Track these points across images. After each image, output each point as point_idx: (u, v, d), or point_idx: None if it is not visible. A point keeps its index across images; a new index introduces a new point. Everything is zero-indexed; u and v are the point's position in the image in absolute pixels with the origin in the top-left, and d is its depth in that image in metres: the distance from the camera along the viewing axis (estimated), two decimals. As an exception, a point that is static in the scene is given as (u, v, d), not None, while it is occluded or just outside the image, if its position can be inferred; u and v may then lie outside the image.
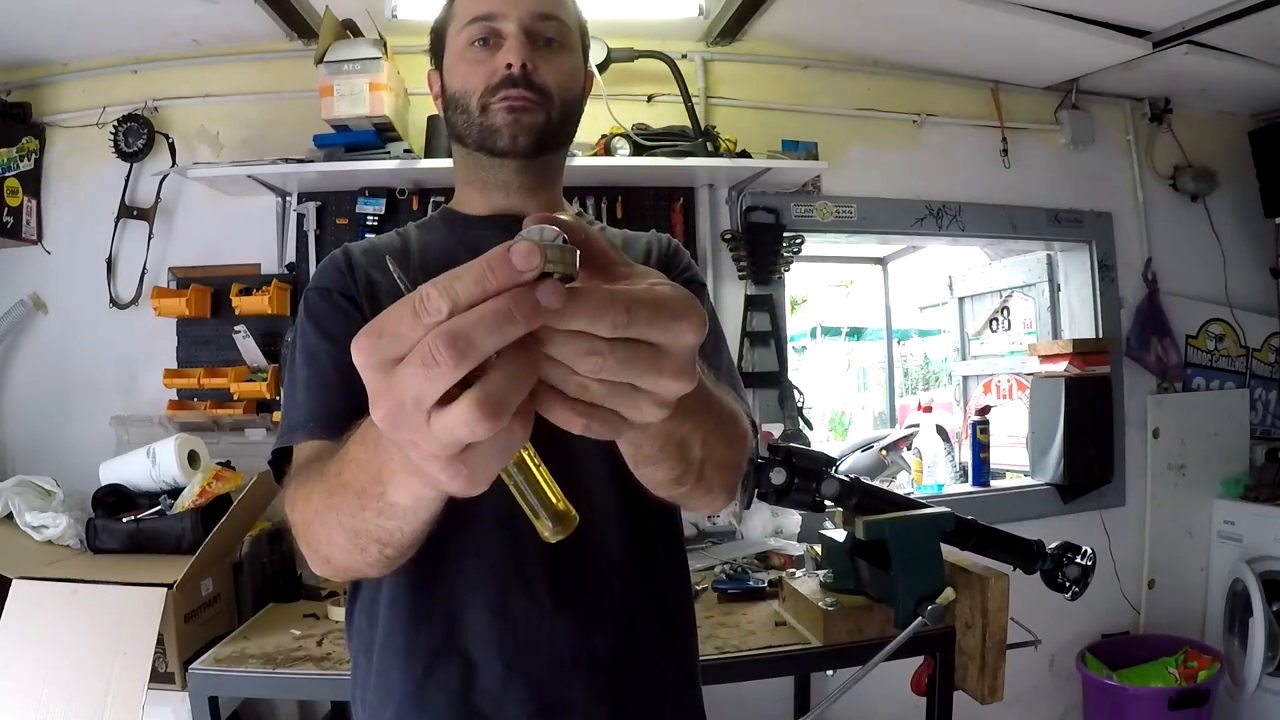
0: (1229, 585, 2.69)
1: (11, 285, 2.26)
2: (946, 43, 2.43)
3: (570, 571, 0.79)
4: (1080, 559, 1.56)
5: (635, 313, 0.33)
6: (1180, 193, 2.89)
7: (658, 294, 0.35)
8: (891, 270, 3.81)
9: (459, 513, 0.77)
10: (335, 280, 0.84)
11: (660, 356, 0.35)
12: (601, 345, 0.33)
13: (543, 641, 0.78)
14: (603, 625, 0.80)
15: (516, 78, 0.82)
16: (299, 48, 2.30)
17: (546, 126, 0.84)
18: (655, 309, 0.34)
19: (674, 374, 0.36)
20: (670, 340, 0.35)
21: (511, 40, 0.82)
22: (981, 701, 1.60)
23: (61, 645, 1.55)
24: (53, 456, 2.19)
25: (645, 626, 0.83)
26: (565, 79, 0.86)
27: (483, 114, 0.83)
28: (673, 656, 0.87)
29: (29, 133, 2.24)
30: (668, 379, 0.36)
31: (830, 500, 1.50)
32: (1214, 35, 2.28)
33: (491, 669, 0.77)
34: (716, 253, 2.46)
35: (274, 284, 2.18)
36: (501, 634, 0.77)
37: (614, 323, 0.33)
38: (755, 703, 2.26)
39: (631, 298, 0.34)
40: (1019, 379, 3.02)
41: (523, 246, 0.32)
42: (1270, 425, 2.98)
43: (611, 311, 0.33)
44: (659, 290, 0.36)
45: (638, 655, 0.82)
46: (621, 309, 0.33)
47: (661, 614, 0.86)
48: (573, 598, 0.79)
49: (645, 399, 0.36)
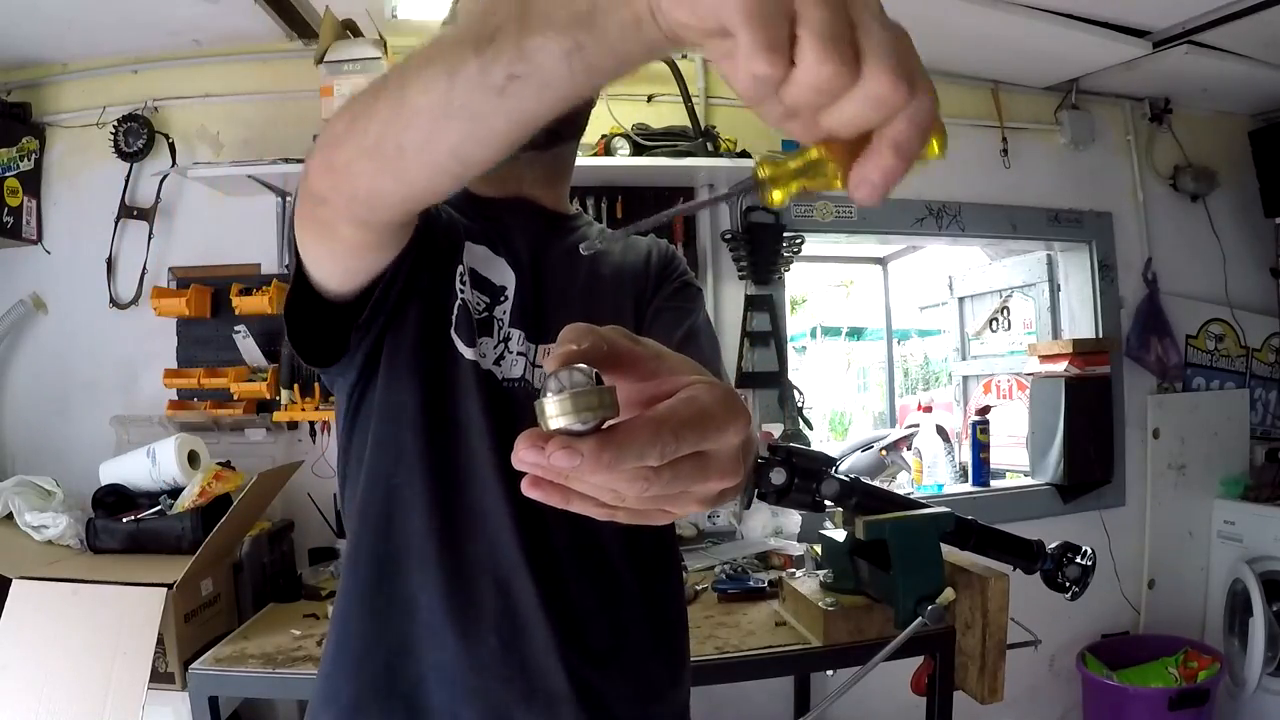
0: (1229, 585, 2.69)
1: (11, 285, 2.26)
2: (946, 43, 2.43)
3: (565, 561, 0.79)
4: (1080, 559, 1.56)
5: (683, 436, 0.33)
6: (1180, 193, 2.89)
7: (702, 406, 0.34)
8: (891, 270, 3.81)
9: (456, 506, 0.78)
10: None
11: (707, 463, 0.35)
12: (649, 471, 0.33)
13: (538, 628, 0.77)
14: (592, 619, 0.80)
15: None
16: (299, 48, 2.30)
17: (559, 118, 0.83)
18: (701, 424, 0.33)
19: (720, 475, 0.36)
20: (717, 447, 0.35)
21: None
22: (981, 701, 1.60)
23: (62, 645, 1.55)
24: (53, 456, 2.20)
25: (635, 624, 0.83)
26: None
27: None
28: (662, 655, 0.87)
29: (29, 133, 2.24)
30: (714, 481, 0.36)
31: (830, 500, 1.50)
32: (1214, 35, 2.28)
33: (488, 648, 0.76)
34: (716, 253, 2.46)
35: (274, 284, 2.17)
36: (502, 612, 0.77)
37: (663, 453, 0.32)
38: (755, 703, 2.26)
39: (678, 422, 0.33)
40: (1019, 379, 3.02)
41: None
42: (1270, 425, 2.98)
43: (659, 444, 0.32)
44: (701, 400, 0.35)
45: (627, 652, 0.82)
46: (670, 437, 0.32)
47: (652, 612, 0.86)
48: (568, 588, 0.79)
49: (689, 498, 0.36)
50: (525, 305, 0.84)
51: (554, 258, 0.89)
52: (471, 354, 0.79)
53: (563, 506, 0.35)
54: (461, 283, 0.81)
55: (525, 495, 0.34)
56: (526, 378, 0.82)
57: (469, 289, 0.82)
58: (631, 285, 0.91)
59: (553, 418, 0.31)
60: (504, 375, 0.81)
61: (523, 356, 0.82)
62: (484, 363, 0.80)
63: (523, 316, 0.84)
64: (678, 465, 0.33)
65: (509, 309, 0.83)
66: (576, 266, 0.89)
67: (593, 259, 0.90)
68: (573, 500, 0.34)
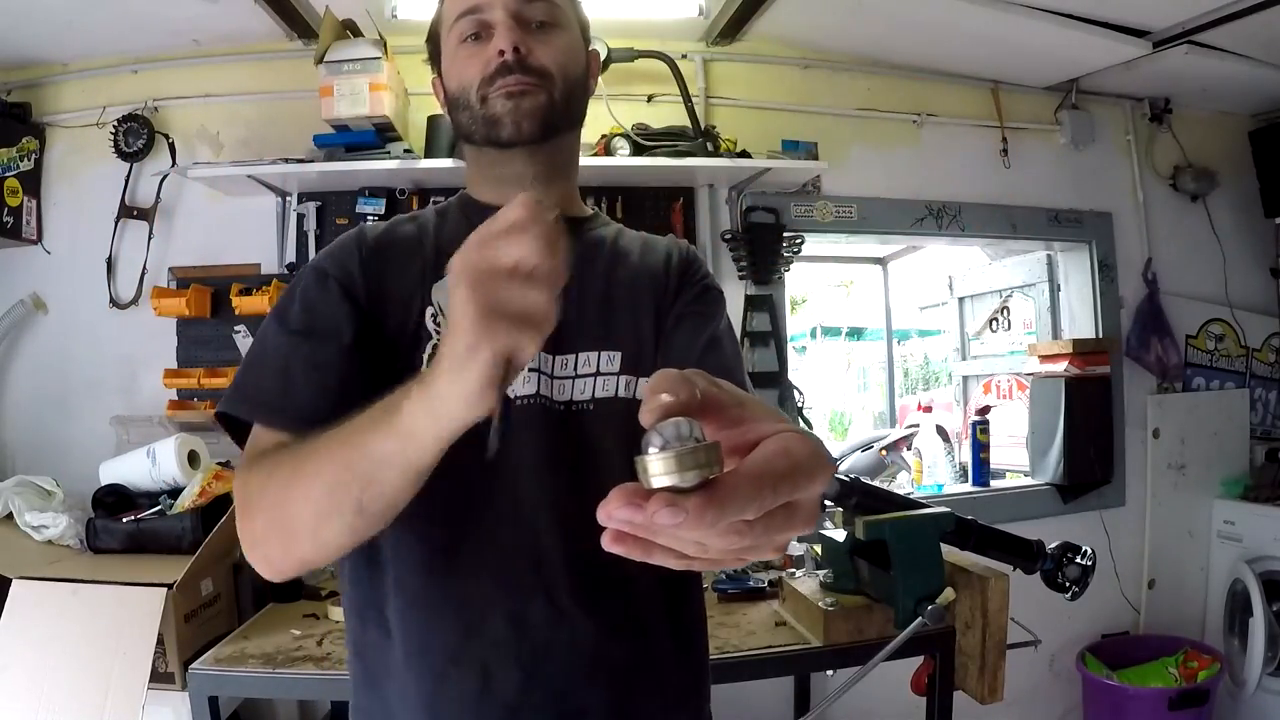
0: (1229, 585, 2.69)
1: (11, 285, 2.26)
2: (946, 43, 2.43)
3: (587, 579, 0.77)
4: (1080, 559, 1.56)
5: (780, 490, 0.33)
6: (1180, 193, 2.89)
7: (796, 459, 0.34)
8: (891, 270, 3.80)
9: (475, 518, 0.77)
10: (338, 266, 0.80)
11: (795, 513, 0.35)
12: (743, 525, 0.33)
13: (560, 649, 0.76)
14: (618, 632, 0.79)
15: (511, 64, 0.79)
16: (299, 48, 2.30)
17: (550, 108, 0.81)
18: (794, 477, 0.34)
19: (803, 523, 0.36)
20: (805, 498, 0.35)
21: (500, 28, 0.80)
22: (981, 701, 1.60)
23: (61, 645, 1.55)
24: (53, 456, 2.19)
25: (658, 634, 0.82)
26: (563, 57, 0.83)
27: (483, 106, 0.81)
28: (685, 664, 0.86)
29: (29, 133, 2.24)
30: (799, 529, 0.36)
31: (830, 500, 1.50)
32: (1214, 35, 2.27)
33: (508, 676, 0.76)
34: (716, 253, 2.46)
35: (274, 284, 2.17)
36: (519, 641, 0.76)
37: (761, 508, 0.32)
38: (755, 703, 2.26)
39: (776, 476, 0.33)
40: (1019, 379, 3.02)
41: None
42: (1270, 425, 2.98)
43: (759, 499, 0.32)
44: (796, 453, 0.35)
45: (652, 663, 0.82)
46: (769, 493, 0.32)
47: (675, 622, 0.85)
48: (589, 605, 0.77)
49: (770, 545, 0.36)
50: None
51: None
52: None
53: (643, 559, 0.34)
54: (435, 324, 0.79)
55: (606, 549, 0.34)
56: (543, 393, 0.79)
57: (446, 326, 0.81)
58: (650, 289, 0.87)
59: (656, 476, 0.31)
60: (516, 394, 0.78)
61: (535, 372, 0.79)
62: None
63: None
64: (770, 517, 0.34)
65: None
66: (592, 272, 0.86)
67: (611, 261, 0.88)
68: (655, 553, 0.34)
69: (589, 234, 0.91)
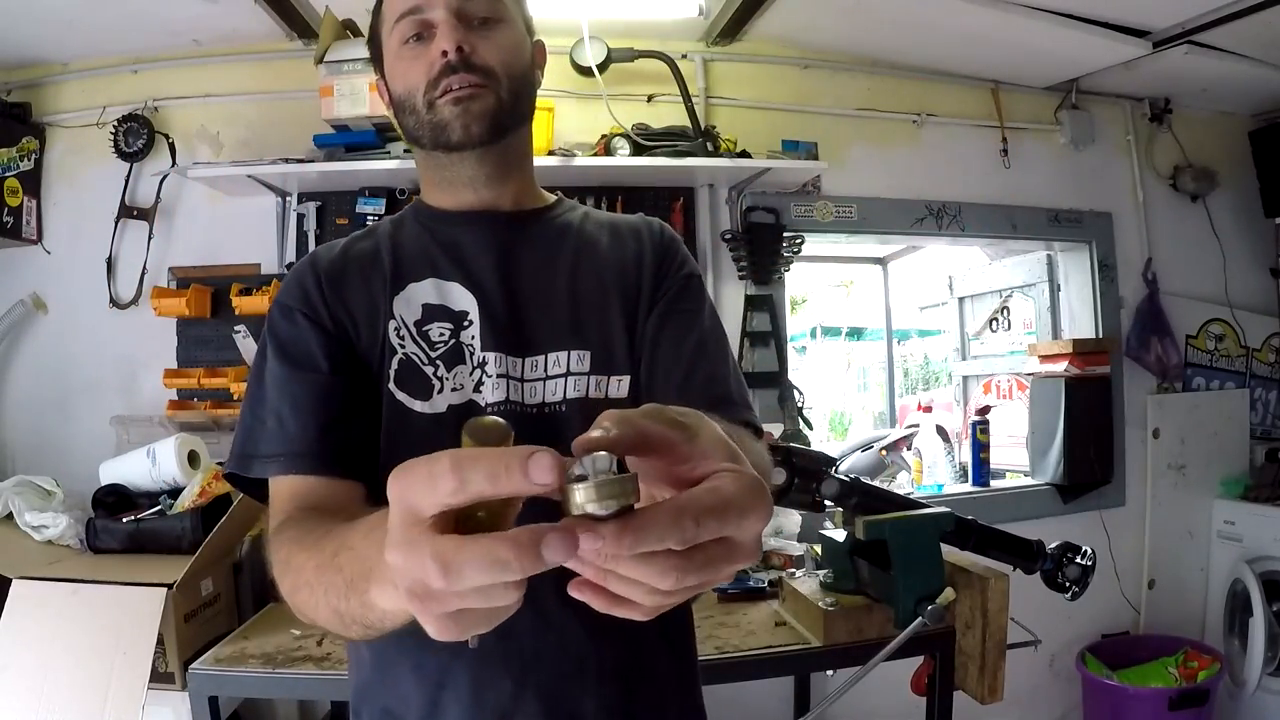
0: (1229, 585, 2.69)
1: (11, 285, 2.26)
2: (946, 43, 2.43)
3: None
4: (1080, 559, 1.56)
5: (704, 523, 0.34)
6: (1180, 193, 2.89)
7: (725, 495, 0.35)
8: (891, 270, 3.80)
9: None
10: (298, 298, 0.81)
11: (733, 548, 0.35)
12: (679, 560, 0.34)
13: (550, 654, 0.77)
14: (607, 635, 0.78)
15: (455, 64, 0.78)
16: (299, 48, 2.30)
17: (499, 109, 0.80)
18: (723, 512, 0.34)
19: (745, 558, 0.36)
20: (740, 534, 0.35)
21: (442, 27, 0.78)
22: (981, 701, 1.60)
23: (62, 645, 1.55)
24: (53, 456, 2.19)
25: (647, 633, 0.82)
26: (508, 54, 0.81)
27: (430, 110, 0.80)
28: (675, 661, 0.87)
29: (29, 133, 2.24)
30: (740, 564, 0.37)
31: (830, 500, 1.50)
32: (1214, 35, 2.28)
33: (499, 686, 0.76)
34: (716, 253, 2.46)
35: (274, 284, 2.18)
36: (507, 650, 0.76)
37: (683, 538, 0.33)
38: (755, 703, 2.26)
39: (700, 509, 0.34)
40: (1019, 379, 3.02)
41: (544, 459, 0.32)
42: (1270, 425, 2.98)
43: (680, 529, 0.33)
44: (725, 490, 0.35)
45: (642, 663, 0.82)
46: (690, 523, 0.33)
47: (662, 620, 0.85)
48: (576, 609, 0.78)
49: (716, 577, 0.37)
50: (497, 323, 0.81)
51: (527, 263, 0.85)
52: (422, 405, 0.78)
53: (607, 610, 0.36)
54: (399, 338, 0.80)
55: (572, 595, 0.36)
56: (513, 398, 0.79)
57: (410, 340, 0.80)
58: (619, 283, 0.86)
59: (575, 505, 0.33)
60: (486, 401, 0.79)
61: (504, 378, 0.79)
62: (458, 396, 0.79)
63: (497, 335, 0.80)
64: (707, 550, 0.34)
65: (476, 333, 0.80)
66: (555, 268, 0.85)
67: (576, 254, 0.87)
68: (617, 605, 0.36)
69: (553, 222, 0.90)
